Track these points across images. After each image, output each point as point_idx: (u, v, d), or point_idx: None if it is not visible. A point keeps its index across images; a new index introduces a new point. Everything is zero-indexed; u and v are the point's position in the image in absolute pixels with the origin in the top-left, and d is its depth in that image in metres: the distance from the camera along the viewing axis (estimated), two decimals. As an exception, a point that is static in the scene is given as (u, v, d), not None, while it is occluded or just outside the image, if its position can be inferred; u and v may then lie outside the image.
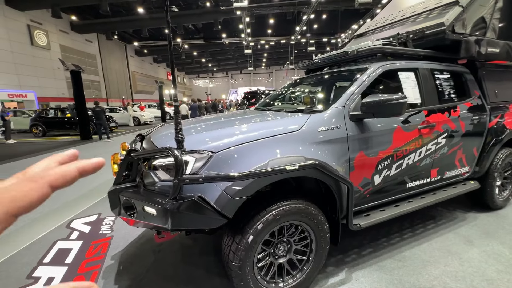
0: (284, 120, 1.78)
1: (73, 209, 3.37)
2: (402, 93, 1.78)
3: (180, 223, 1.34)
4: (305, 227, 1.69)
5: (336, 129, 1.76)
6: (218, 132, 1.64)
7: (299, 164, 1.45)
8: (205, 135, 1.62)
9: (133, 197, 1.48)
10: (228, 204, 1.40)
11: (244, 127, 1.73)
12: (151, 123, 16.17)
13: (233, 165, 1.44)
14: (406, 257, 2.14)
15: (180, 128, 1.34)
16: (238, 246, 1.47)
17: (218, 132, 1.65)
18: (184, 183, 1.28)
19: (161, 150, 1.35)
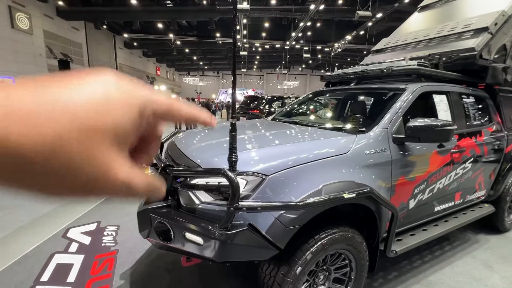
0: (332, 140, 1.68)
1: (67, 215, 3.07)
2: (436, 117, 1.74)
3: (231, 255, 1.19)
4: (347, 255, 1.60)
5: (381, 152, 1.69)
6: (266, 151, 1.51)
7: (357, 192, 1.35)
8: (253, 153, 1.48)
9: (172, 222, 1.31)
10: (281, 234, 1.27)
11: (291, 146, 1.61)
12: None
13: (286, 190, 1.32)
14: (433, 283, 2.11)
15: (235, 148, 1.19)
16: (285, 278, 1.34)
17: (266, 151, 1.52)
18: (240, 211, 1.14)
19: (211, 170, 1.20)
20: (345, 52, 26.56)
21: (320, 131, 1.94)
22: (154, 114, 0.21)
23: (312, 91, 3.12)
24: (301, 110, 2.91)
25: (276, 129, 2.13)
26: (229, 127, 1.24)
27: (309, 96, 3.12)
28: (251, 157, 1.41)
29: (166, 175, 1.45)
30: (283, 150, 1.53)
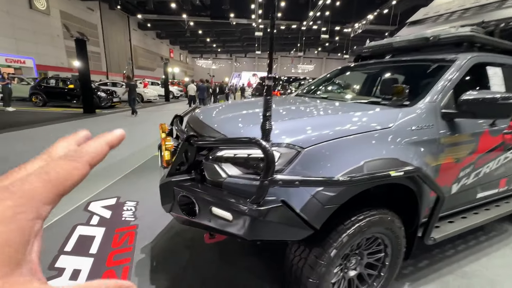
0: (373, 114, 1.50)
1: (88, 189, 3.10)
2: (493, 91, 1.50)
3: (261, 233, 1.08)
4: (383, 240, 1.46)
5: (428, 128, 1.49)
6: (301, 122, 1.35)
7: (405, 171, 1.19)
8: (287, 124, 1.33)
9: (197, 195, 1.21)
10: (317, 213, 1.14)
11: (329, 118, 1.44)
12: (154, 101, 15.63)
13: (324, 166, 1.17)
14: (468, 274, 1.95)
15: (269, 114, 1.05)
16: (318, 261, 1.23)
17: (301, 122, 1.36)
18: (275, 185, 1.02)
19: (242, 140, 1.06)
20: (365, 33, 25.04)
21: (357, 105, 1.75)
22: (90, 164, 0.22)
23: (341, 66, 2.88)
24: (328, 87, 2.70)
25: (306, 103, 1.95)
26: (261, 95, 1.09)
27: (336, 72, 2.88)
28: (285, 128, 1.26)
29: (189, 146, 1.33)
30: (320, 121, 1.37)
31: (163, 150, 1.82)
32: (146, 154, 4.71)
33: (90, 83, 9.82)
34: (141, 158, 4.46)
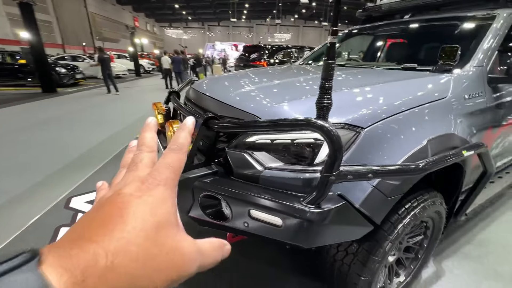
0: (425, 82, 1.27)
1: (65, 182, 2.68)
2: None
3: (323, 239, 0.87)
4: (427, 222, 1.34)
5: (478, 96, 1.31)
6: (349, 96, 1.08)
7: (476, 150, 1.01)
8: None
9: (229, 195, 0.94)
10: (380, 206, 0.95)
11: (380, 90, 1.18)
12: (124, 76, 14.22)
13: (387, 148, 0.95)
14: (484, 242, 1.97)
15: (330, 85, 0.77)
16: (372, 257, 1.07)
17: (348, 95, 1.09)
18: (343, 180, 0.78)
19: (296, 122, 0.78)
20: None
21: (395, 72, 1.51)
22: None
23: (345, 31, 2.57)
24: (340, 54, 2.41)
25: (345, 72, 1.66)
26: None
27: (341, 36, 2.58)
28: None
29: (207, 131, 1.03)
30: (370, 94, 1.11)
31: (156, 113, 1.51)
32: (126, 137, 4.22)
33: (45, 57, 8.50)
34: (122, 141, 3.99)
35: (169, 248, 0.22)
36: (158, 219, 0.23)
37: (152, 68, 18.64)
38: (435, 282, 1.60)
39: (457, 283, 1.59)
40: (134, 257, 0.20)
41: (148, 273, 0.20)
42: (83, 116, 5.63)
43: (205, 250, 0.25)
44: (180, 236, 0.24)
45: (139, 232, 0.21)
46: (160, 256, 0.21)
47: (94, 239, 0.20)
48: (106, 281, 0.18)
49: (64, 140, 4.02)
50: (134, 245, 0.20)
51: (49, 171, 2.93)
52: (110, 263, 0.19)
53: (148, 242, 0.21)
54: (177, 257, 0.22)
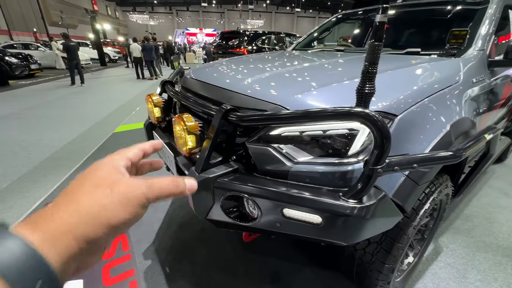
0: (439, 66, 1.26)
1: (36, 187, 2.38)
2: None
3: (363, 233, 0.83)
4: (437, 204, 1.38)
5: (481, 80, 1.34)
6: (377, 82, 1.03)
7: (494, 132, 1.03)
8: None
9: (257, 194, 0.86)
10: (411, 194, 0.93)
11: (401, 75, 1.14)
12: (87, 66, 13.00)
13: (416, 135, 0.93)
14: (470, 216, 2.13)
15: (375, 71, 0.70)
16: (397, 244, 1.07)
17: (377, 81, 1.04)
18: (389, 172, 0.74)
19: (338, 112, 0.71)
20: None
21: (405, 57, 1.49)
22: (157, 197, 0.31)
23: (337, 14, 2.52)
24: (335, 39, 2.36)
25: (334, 58, 1.60)
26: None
27: (333, 20, 2.53)
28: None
29: (227, 124, 0.93)
30: (394, 81, 1.07)
31: (151, 107, 1.36)
32: (100, 133, 3.87)
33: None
34: (96, 139, 3.65)
35: (113, 183, 0.29)
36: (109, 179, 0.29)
37: (118, 56, 17.26)
38: (435, 259, 1.69)
39: (454, 257, 1.70)
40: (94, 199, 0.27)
41: (105, 206, 0.27)
42: (45, 112, 5.05)
43: (153, 183, 0.30)
44: (125, 178, 0.30)
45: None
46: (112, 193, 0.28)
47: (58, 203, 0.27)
48: (80, 228, 0.25)
49: (28, 140, 3.57)
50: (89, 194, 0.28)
51: (15, 175, 2.58)
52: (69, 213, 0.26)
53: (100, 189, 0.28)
54: (123, 185, 0.29)
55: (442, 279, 1.54)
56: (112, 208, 0.27)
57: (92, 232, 0.25)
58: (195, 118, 1.03)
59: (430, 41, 1.86)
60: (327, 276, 1.54)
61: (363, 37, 2.70)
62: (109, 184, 0.28)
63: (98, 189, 0.28)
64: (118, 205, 0.27)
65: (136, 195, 0.28)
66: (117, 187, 0.28)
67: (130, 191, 0.28)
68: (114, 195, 0.27)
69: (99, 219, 0.26)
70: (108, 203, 0.27)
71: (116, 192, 0.28)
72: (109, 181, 0.29)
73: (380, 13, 0.65)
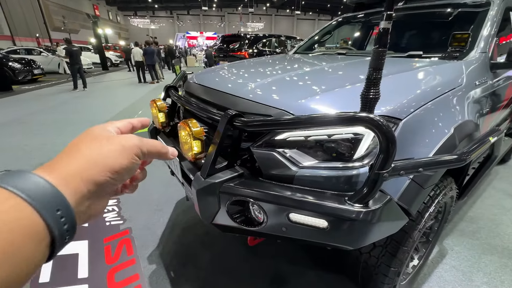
0: (442, 69, 1.27)
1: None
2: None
3: (369, 237, 0.83)
4: (441, 207, 1.38)
5: (484, 82, 1.35)
6: (382, 86, 1.04)
7: (498, 135, 1.03)
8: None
9: (263, 199, 0.87)
10: (416, 198, 0.94)
11: (405, 79, 1.15)
12: (89, 70, 13.11)
13: (422, 138, 0.94)
14: (475, 218, 2.12)
15: (379, 76, 0.71)
16: (402, 247, 1.07)
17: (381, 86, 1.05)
18: (394, 176, 0.74)
19: (343, 117, 0.72)
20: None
21: (407, 60, 1.50)
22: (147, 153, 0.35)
23: (340, 17, 2.54)
24: (336, 42, 2.37)
25: (337, 62, 1.62)
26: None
27: (334, 24, 2.55)
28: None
29: (232, 130, 0.94)
30: (398, 84, 1.08)
31: (155, 112, 1.37)
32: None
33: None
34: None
35: (109, 136, 0.33)
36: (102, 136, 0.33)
37: (120, 61, 17.38)
38: (441, 261, 1.68)
39: (460, 259, 1.69)
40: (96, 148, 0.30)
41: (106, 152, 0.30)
42: (48, 116, 5.08)
43: (144, 139, 0.35)
44: (119, 135, 0.34)
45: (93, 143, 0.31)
46: (110, 144, 0.31)
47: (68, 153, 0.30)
48: (88, 172, 0.28)
49: (31, 145, 3.60)
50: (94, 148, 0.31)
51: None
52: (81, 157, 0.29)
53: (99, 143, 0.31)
54: (118, 137, 0.33)
55: (448, 282, 1.53)
56: (111, 155, 0.30)
57: (97, 174, 0.28)
58: (200, 123, 1.04)
59: (432, 43, 1.87)
60: (332, 279, 1.54)
61: (364, 39, 2.71)
62: (105, 137, 0.32)
63: (96, 140, 0.31)
64: (116, 151, 0.30)
65: (131, 144, 0.32)
66: (112, 139, 0.32)
67: (125, 141, 0.32)
68: (111, 144, 0.31)
69: (102, 164, 0.29)
70: (107, 150, 0.30)
71: (112, 142, 0.31)
72: (104, 136, 0.32)
73: (384, 19, 0.66)
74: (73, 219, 0.26)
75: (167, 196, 2.35)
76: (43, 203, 0.23)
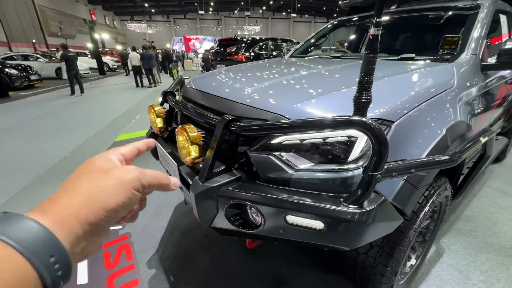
0: (434, 72, 1.30)
1: (30, 199, 2.39)
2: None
3: (365, 238, 0.85)
4: (437, 206, 1.40)
5: (475, 84, 1.38)
6: (375, 90, 1.06)
7: (489, 135, 1.06)
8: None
9: (260, 202, 0.88)
10: (410, 198, 0.96)
11: (398, 81, 1.18)
12: (86, 75, 13.10)
13: (414, 140, 0.96)
14: (471, 217, 2.14)
15: (370, 81, 0.74)
16: (399, 247, 1.09)
17: (374, 89, 1.07)
18: (387, 177, 0.76)
19: (337, 121, 0.74)
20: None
21: (400, 63, 1.53)
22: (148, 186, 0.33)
23: (335, 20, 2.58)
24: (331, 45, 2.41)
25: (333, 65, 1.64)
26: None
27: (329, 27, 2.58)
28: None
29: (229, 134, 0.95)
30: (391, 87, 1.11)
31: (153, 117, 1.39)
32: (100, 143, 3.90)
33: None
34: (98, 148, 3.67)
35: (108, 169, 0.31)
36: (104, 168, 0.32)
37: (117, 65, 17.40)
38: (438, 260, 1.70)
39: (457, 258, 1.71)
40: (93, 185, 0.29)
41: (105, 189, 0.29)
42: (46, 122, 5.08)
43: (145, 170, 0.33)
44: (118, 166, 0.33)
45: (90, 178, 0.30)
46: (108, 179, 0.30)
47: (65, 190, 0.29)
48: (83, 211, 0.27)
49: (30, 151, 3.59)
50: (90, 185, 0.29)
51: (18, 186, 2.59)
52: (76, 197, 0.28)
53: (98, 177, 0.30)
54: (117, 170, 0.31)
55: (445, 280, 1.55)
56: (108, 191, 0.29)
57: (93, 214, 0.27)
58: (197, 128, 1.06)
59: (425, 46, 1.90)
60: (330, 280, 1.55)
61: (359, 42, 2.75)
62: (104, 170, 0.31)
63: (93, 175, 0.30)
64: (113, 187, 0.29)
65: (129, 178, 0.31)
66: (111, 172, 0.30)
67: (124, 175, 0.31)
68: (109, 178, 0.30)
69: (98, 202, 0.28)
70: (104, 186, 0.29)
71: (110, 176, 0.30)
72: (103, 168, 0.31)
73: (373, 26, 0.69)
74: (67, 263, 0.25)
75: (165, 201, 2.35)
76: (35, 251, 0.22)
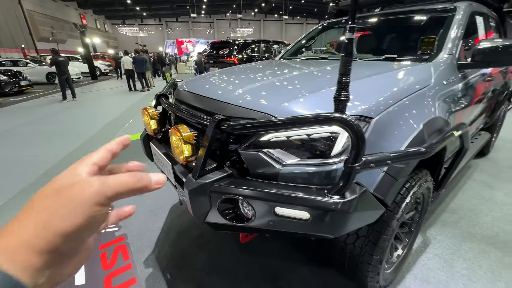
0: (412, 71, 1.38)
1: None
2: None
3: (347, 226, 0.91)
4: (419, 198, 1.48)
5: (452, 82, 1.47)
6: (357, 88, 1.13)
7: (463, 130, 1.14)
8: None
9: (251, 196, 0.94)
10: (391, 189, 1.03)
11: (378, 81, 1.26)
12: (77, 80, 12.97)
13: (391, 135, 1.03)
14: (456, 209, 2.24)
15: (348, 80, 0.80)
16: (382, 236, 1.16)
17: (356, 88, 1.14)
18: (366, 169, 0.83)
19: (319, 118, 0.80)
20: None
21: (381, 63, 1.61)
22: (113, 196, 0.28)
23: (323, 23, 2.66)
24: (319, 47, 2.49)
25: (321, 65, 1.71)
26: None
27: (318, 29, 2.67)
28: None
29: (220, 133, 1.01)
30: (372, 86, 1.18)
31: (147, 119, 1.44)
32: (95, 147, 3.87)
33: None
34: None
35: (61, 189, 0.27)
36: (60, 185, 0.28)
37: (109, 69, 17.27)
38: (424, 250, 1.78)
39: (442, 248, 1.80)
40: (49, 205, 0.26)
41: (63, 208, 0.26)
42: (38, 128, 5.04)
43: (108, 178, 0.28)
44: (79, 181, 0.28)
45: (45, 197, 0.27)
46: (64, 197, 0.27)
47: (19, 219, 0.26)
48: (42, 235, 0.24)
49: (21, 157, 3.57)
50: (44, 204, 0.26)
51: (11, 193, 2.59)
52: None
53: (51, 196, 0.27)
54: (71, 189, 0.27)
55: (431, 269, 1.63)
56: (58, 214, 0.25)
57: (46, 242, 0.24)
58: (190, 128, 1.11)
59: (406, 47, 2.00)
60: (324, 273, 1.61)
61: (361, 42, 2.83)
62: (57, 191, 0.27)
63: (48, 198, 0.27)
64: (64, 210, 0.26)
65: (87, 194, 0.27)
66: (64, 192, 0.27)
67: (77, 193, 0.27)
68: (58, 201, 0.26)
69: (50, 228, 0.25)
70: (54, 210, 0.25)
71: (61, 197, 0.26)
72: (60, 187, 0.27)
73: (348, 31, 0.75)
74: None
75: (161, 201, 2.39)
76: None
